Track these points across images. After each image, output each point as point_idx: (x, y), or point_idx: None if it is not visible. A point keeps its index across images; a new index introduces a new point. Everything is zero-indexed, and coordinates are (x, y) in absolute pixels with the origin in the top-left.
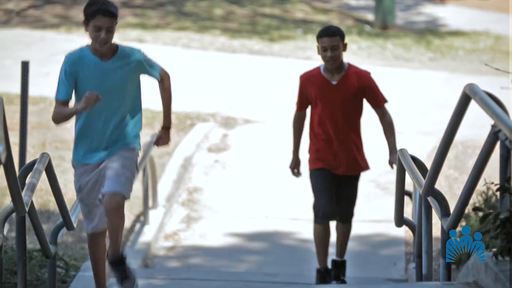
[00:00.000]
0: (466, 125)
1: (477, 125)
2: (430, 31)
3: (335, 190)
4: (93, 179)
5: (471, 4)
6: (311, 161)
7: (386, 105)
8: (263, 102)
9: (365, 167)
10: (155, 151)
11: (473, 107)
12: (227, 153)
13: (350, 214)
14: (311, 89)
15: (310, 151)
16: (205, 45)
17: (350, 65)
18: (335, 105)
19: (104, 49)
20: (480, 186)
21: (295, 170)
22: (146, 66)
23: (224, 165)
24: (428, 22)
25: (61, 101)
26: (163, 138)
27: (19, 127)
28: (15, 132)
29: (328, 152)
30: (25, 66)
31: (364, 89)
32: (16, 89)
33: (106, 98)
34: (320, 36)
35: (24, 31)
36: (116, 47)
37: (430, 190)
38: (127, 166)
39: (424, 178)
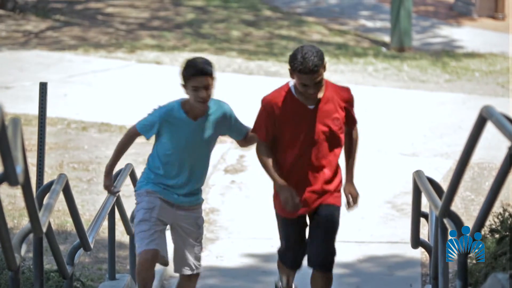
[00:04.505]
0: (482, 147)
1: (493, 147)
2: (446, 53)
3: (310, 231)
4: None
5: (488, 26)
6: (278, 204)
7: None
8: None
9: (338, 202)
10: None
11: (490, 129)
12: (243, 174)
13: (330, 257)
14: (280, 114)
15: (276, 191)
16: (222, 66)
17: (328, 83)
18: (312, 134)
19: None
20: (497, 208)
21: (293, 199)
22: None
23: (240, 186)
24: (444, 44)
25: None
26: None
27: (37, 148)
28: (33, 153)
29: (299, 193)
30: (43, 87)
31: (346, 108)
32: (34, 110)
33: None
34: (299, 72)
35: (43, 53)
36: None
37: (447, 212)
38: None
39: (441, 199)
